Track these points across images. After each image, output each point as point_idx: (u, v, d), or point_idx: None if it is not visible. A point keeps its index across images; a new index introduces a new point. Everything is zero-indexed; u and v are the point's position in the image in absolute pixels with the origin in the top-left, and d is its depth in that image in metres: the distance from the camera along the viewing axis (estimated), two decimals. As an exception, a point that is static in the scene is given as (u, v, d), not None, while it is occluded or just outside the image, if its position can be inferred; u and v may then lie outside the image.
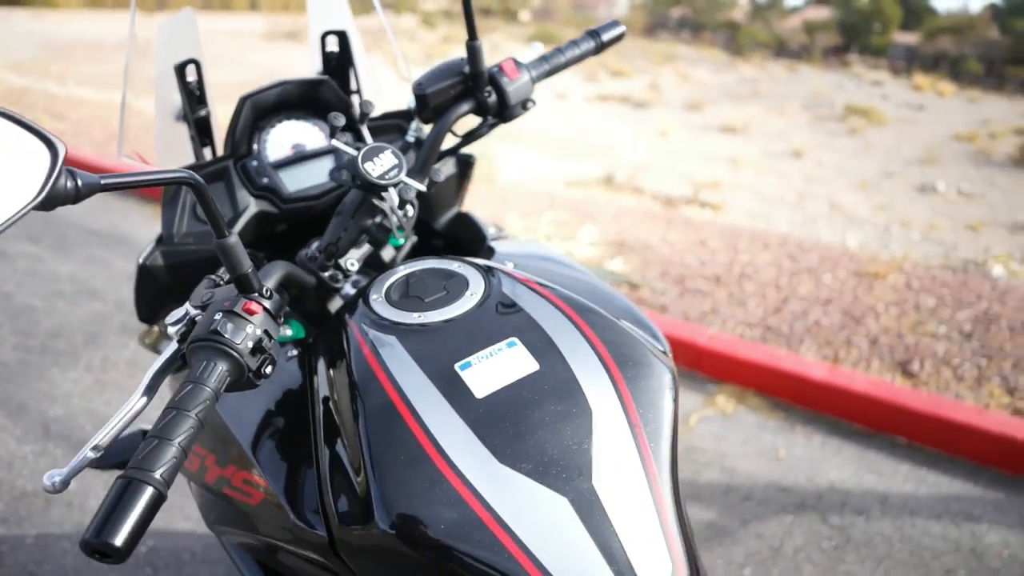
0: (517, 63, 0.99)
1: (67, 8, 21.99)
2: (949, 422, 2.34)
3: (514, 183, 6.54)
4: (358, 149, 0.82)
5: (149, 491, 0.50)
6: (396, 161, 0.83)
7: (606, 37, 1.06)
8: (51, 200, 0.48)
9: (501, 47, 34.30)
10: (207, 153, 1.03)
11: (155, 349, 1.00)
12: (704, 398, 2.60)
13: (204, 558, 1.69)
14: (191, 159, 1.01)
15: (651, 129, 15.24)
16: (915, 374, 2.71)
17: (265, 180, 0.97)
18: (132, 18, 0.98)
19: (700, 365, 2.74)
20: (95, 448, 0.58)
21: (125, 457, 0.95)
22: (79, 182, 0.49)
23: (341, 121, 0.83)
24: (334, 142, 0.84)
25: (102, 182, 0.51)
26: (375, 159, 0.83)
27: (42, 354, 2.55)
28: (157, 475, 0.51)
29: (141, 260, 0.90)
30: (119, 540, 0.47)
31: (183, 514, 1.83)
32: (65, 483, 0.57)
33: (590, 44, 1.05)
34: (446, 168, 1.09)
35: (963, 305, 3.34)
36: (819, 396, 2.53)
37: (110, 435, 0.58)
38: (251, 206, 0.95)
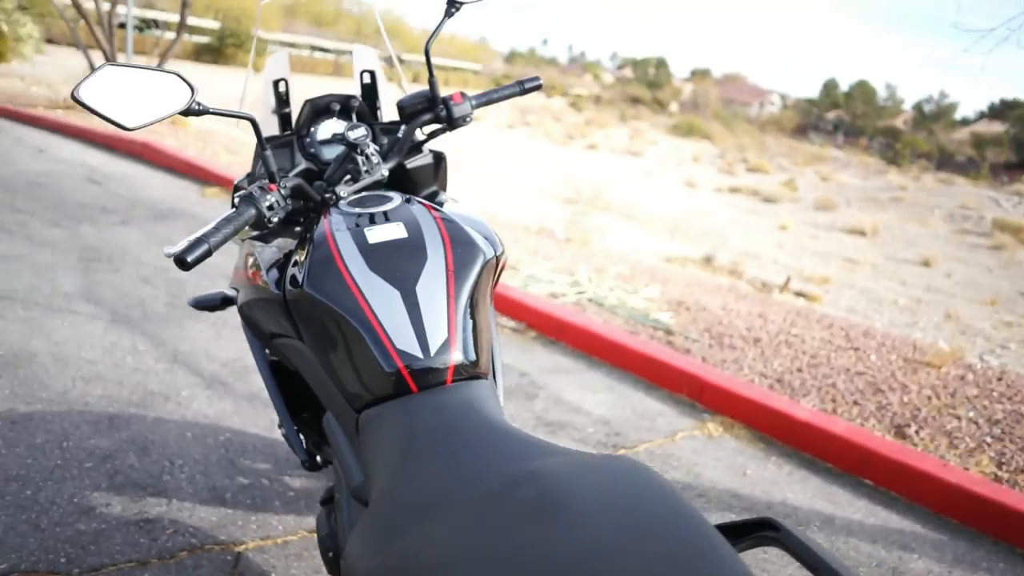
0: (463, 94, 1.56)
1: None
2: (912, 469, 2.56)
3: (609, 250, 7.04)
4: (350, 129, 1.42)
5: (205, 247, 1.09)
6: (366, 134, 1.42)
7: (528, 85, 1.62)
8: (186, 111, 1.10)
9: (644, 134, 34.88)
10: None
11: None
12: (695, 423, 2.96)
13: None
14: (276, 134, 1.66)
15: (772, 223, 15.23)
16: (907, 435, 2.91)
17: (312, 150, 1.59)
18: (252, 55, 1.68)
19: (701, 397, 3.10)
20: (203, 238, 1.14)
21: (211, 304, 1.59)
22: (199, 106, 1.12)
23: (361, 131, 1.42)
24: (344, 126, 1.45)
25: (210, 109, 1.13)
26: (357, 132, 1.42)
27: (182, 309, 3.35)
28: (205, 247, 1.10)
29: (236, 182, 1.53)
30: (189, 257, 1.07)
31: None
32: (174, 256, 1.14)
33: (515, 88, 1.62)
34: (423, 158, 1.67)
35: (1010, 400, 3.34)
36: (799, 434, 2.82)
37: (213, 237, 1.15)
38: (301, 163, 1.57)
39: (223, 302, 1.59)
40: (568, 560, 0.66)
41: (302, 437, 1.52)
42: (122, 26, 11.61)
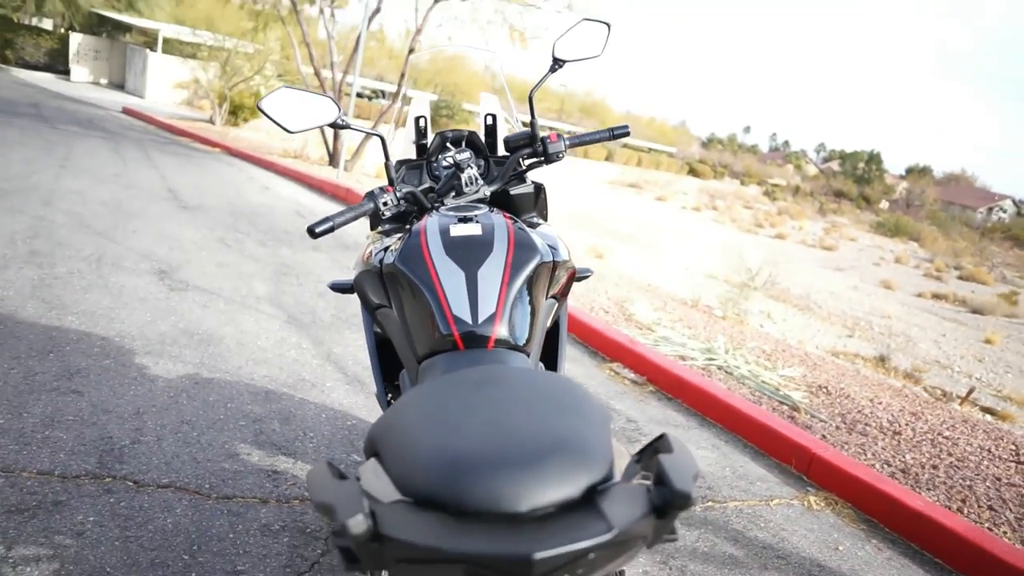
0: (559, 135, 1.84)
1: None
2: (1032, 580, 2.34)
3: (765, 334, 6.86)
4: (459, 153, 1.76)
5: (330, 224, 1.46)
6: (469, 156, 1.74)
7: (617, 132, 1.86)
8: (332, 124, 1.50)
9: (842, 229, 32.84)
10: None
11: None
12: (796, 493, 2.90)
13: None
14: (413, 158, 2.05)
15: (977, 335, 13.70)
16: (1045, 550, 2.64)
17: (436, 172, 1.95)
18: (397, 110, 2.11)
19: (809, 471, 3.03)
20: (330, 218, 1.53)
21: (344, 287, 1.99)
22: (342, 122, 1.51)
23: (465, 154, 1.76)
24: (459, 155, 1.80)
25: (351, 125, 1.52)
26: (462, 155, 1.75)
27: (344, 320, 3.88)
28: (330, 224, 1.47)
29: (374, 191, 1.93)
30: (317, 228, 1.45)
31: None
32: (308, 227, 1.53)
33: (606, 134, 1.87)
34: (525, 187, 1.95)
35: None
36: (909, 522, 2.67)
37: (339, 219, 1.54)
38: (427, 182, 1.93)
39: (352, 288, 1.98)
40: (487, 404, 0.89)
41: (389, 396, 1.83)
42: (359, 95, 13.46)
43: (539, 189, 1.96)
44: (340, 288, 1.98)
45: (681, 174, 48.07)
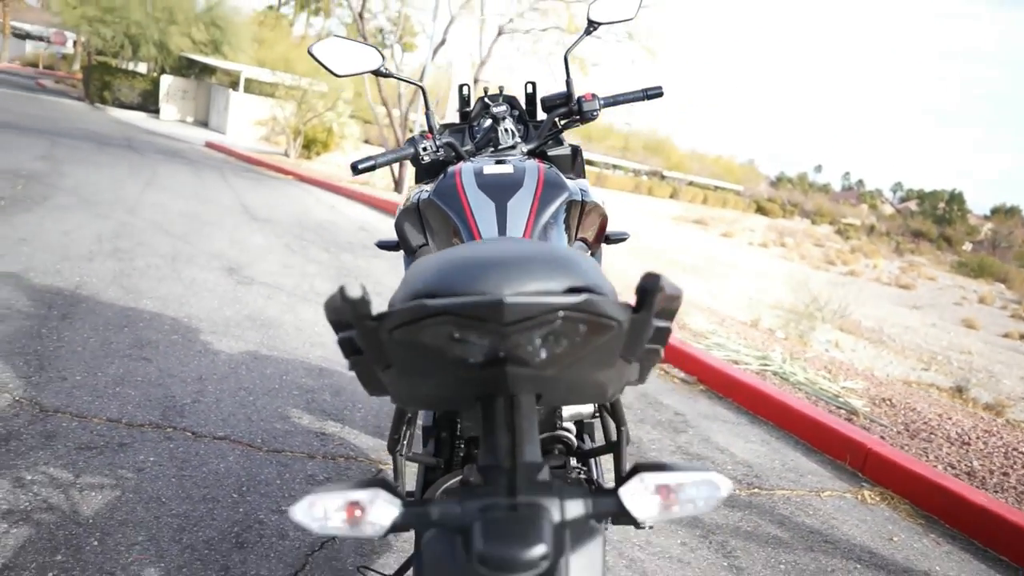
0: (593, 95, 1.90)
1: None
2: (1106, 576, 2.20)
3: (832, 358, 6.64)
4: (496, 107, 1.85)
5: (372, 163, 1.57)
6: (505, 109, 1.82)
7: (651, 92, 1.91)
8: (376, 72, 1.61)
9: (920, 268, 31.44)
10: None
11: None
12: (850, 487, 2.80)
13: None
14: (456, 122, 2.14)
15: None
16: (1124, 553, 2.47)
17: (477, 134, 2.04)
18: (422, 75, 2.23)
19: (864, 467, 2.92)
20: (372, 157, 1.64)
21: (389, 245, 2.09)
22: (385, 70, 1.62)
23: (502, 108, 1.85)
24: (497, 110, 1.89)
25: (393, 74, 1.63)
26: (499, 108, 1.83)
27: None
28: (372, 162, 1.57)
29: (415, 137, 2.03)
30: (360, 166, 1.55)
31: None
32: (351, 163, 1.63)
33: (640, 94, 1.92)
34: (562, 148, 2.02)
35: None
36: (971, 518, 2.54)
37: (381, 159, 1.64)
38: (468, 144, 2.02)
39: (396, 245, 2.07)
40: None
41: None
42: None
43: (576, 151, 2.03)
44: (386, 246, 2.08)
45: (748, 212, 47.22)
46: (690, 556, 2.12)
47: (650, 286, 0.68)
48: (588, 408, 1.40)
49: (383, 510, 0.63)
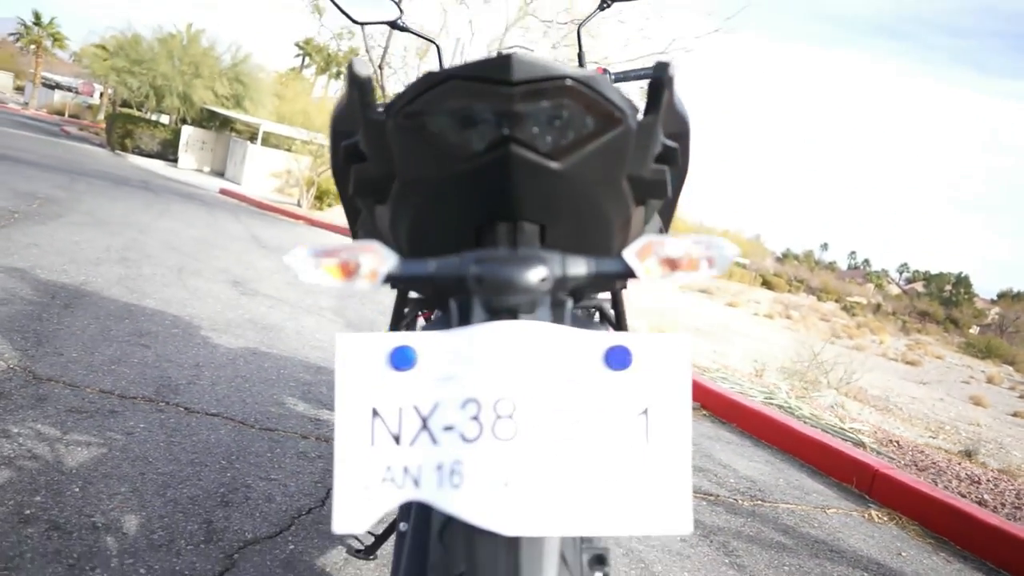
0: (605, 69, 1.94)
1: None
2: None
3: (842, 412, 6.54)
4: None
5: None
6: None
7: (656, 75, 1.95)
8: (391, 24, 1.66)
9: (927, 347, 31.25)
10: None
11: None
12: (856, 507, 2.71)
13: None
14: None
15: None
16: None
17: None
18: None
19: (871, 489, 2.83)
20: None
21: None
22: (402, 23, 1.66)
23: None
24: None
25: (409, 28, 1.68)
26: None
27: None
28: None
29: None
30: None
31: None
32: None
33: (649, 71, 1.96)
34: None
35: None
36: (984, 538, 2.45)
37: None
38: None
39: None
40: None
41: None
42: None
43: None
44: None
45: (754, 285, 47.25)
46: (690, 551, 2.04)
47: (660, 75, 0.67)
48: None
49: (378, 263, 0.62)
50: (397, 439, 0.54)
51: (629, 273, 0.61)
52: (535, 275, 0.56)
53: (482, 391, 0.53)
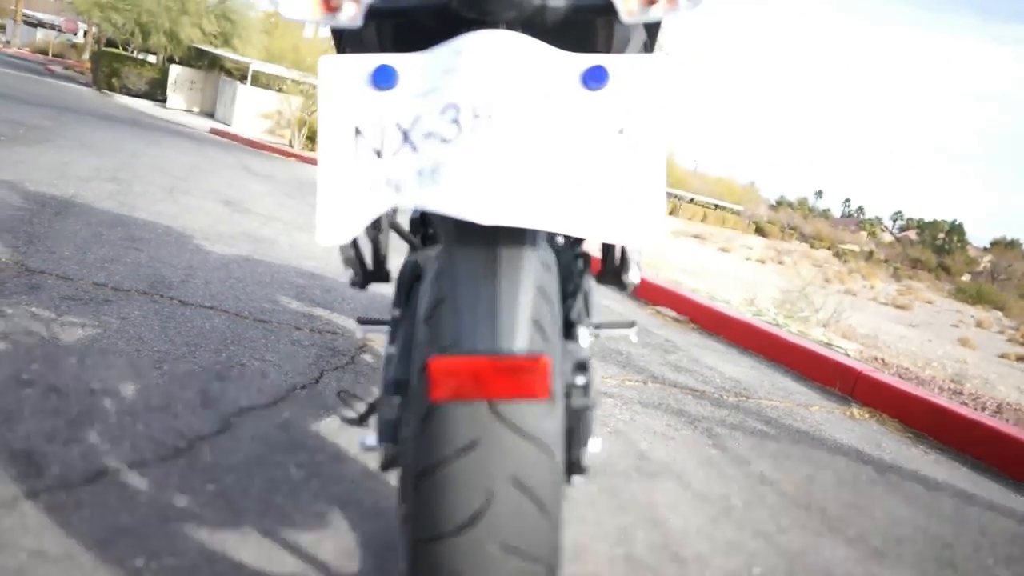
0: None
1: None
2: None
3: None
4: None
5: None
6: None
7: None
8: None
9: (917, 292, 31.39)
10: None
11: None
12: (838, 406, 2.78)
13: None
14: None
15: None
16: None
17: None
18: None
19: (854, 392, 2.90)
20: None
21: None
22: None
23: None
24: None
25: None
26: None
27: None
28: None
29: None
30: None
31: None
32: None
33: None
34: None
35: None
36: (964, 432, 2.52)
37: None
38: None
39: None
40: None
41: None
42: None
43: None
44: None
45: (747, 232, 47.16)
46: (674, 434, 2.10)
47: None
48: None
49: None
50: (379, 153, 0.56)
51: (609, 6, 0.62)
52: None
53: (462, 96, 0.54)
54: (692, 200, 48.42)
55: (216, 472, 1.35)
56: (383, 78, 0.56)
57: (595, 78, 0.57)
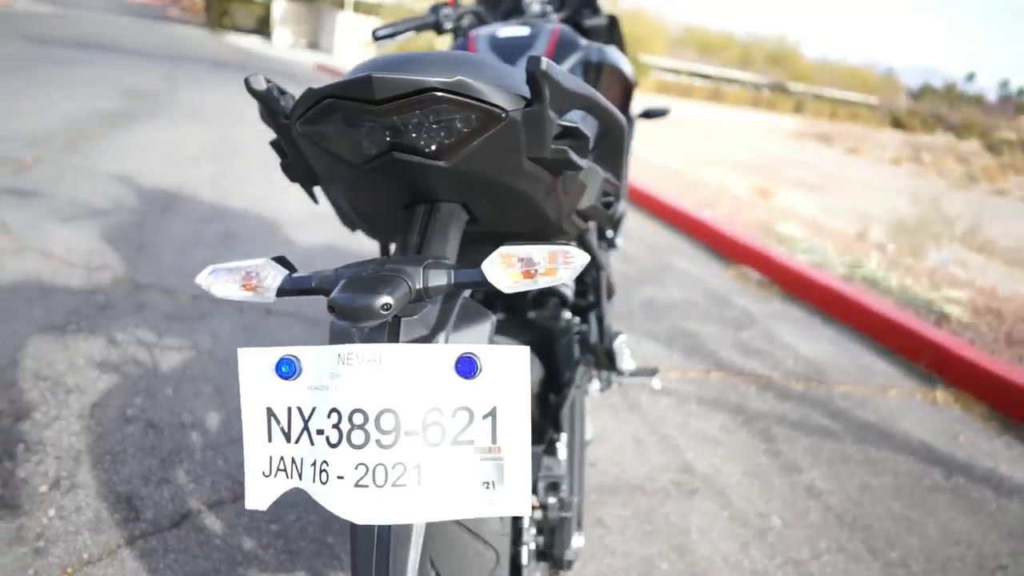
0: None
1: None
2: None
3: (951, 274, 6.18)
4: None
5: (391, 30, 1.60)
6: None
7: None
8: None
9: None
10: None
11: None
12: (921, 387, 2.67)
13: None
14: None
15: None
16: None
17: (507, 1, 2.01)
18: None
19: (941, 369, 2.77)
20: (394, 25, 1.67)
21: None
22: None
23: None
24: None
25: None
26: None
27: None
28: (391, 30, 1.60)
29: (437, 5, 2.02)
30: (379, 33, 1.58)
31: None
32: (374, 33, 1.67)
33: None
34: (599, 19, 1.94)
35: None
36: (1052, 421, 2.38)
37: (402, 26, 1.67)
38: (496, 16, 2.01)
39: None
40: None
41: None
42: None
43: (613, 21, 1.96)
44: None
45: (882, 127, 43.30)
46: (726, 438, 2.13)
47: (533, 70, 0.67)
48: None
49: (271, 279, 0.70)
50: (287, 436, 0.65)
51: (486, 283, 0.66)
52: (378, 301, 0.62)
53: (342, 403, 0.62)
54: (819, 96, 44.82)
55: (279, 511, 1.55)
56: (286, 369, 0.64)
57: (468, 369, 0.63)
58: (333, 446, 0.62)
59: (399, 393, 0.62)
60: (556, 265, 0.65)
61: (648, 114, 2.01)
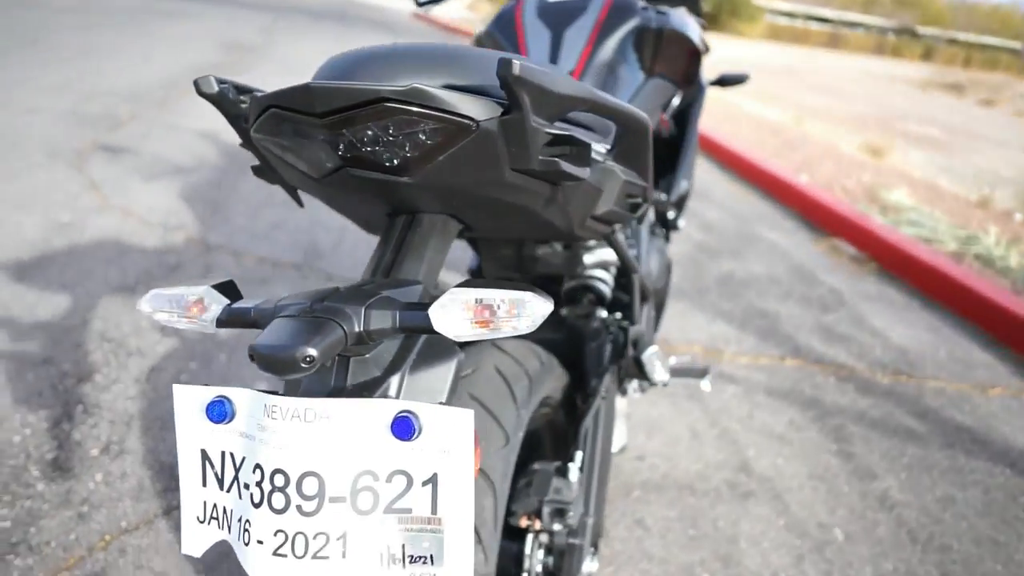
0: None
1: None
2: None
3: None
4: None
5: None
6: None
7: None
8: None
9: None
10: None
11: None
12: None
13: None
14: None
15: None
16: None
17: None
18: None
19: (1058, 366, 2.47)
20: None
21: None
22: None
23: None
24: None
25: None
26: None
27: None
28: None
29: None
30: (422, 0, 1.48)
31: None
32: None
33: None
34: None
35: None
36: None
37: None
38: None
39: None
40: None
41: None
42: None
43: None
44: None
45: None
46: (794, 435, 1.97)
47: (504, 74, 0.56)
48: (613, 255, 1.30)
49: (212, 309, 0.64)
50: (220, 483, 0.60)
51: (432, 329, 0.58)
52: (300, 353, 0.54)
53: (264, 460, 0.56)
54: (952, 40, 40.87)
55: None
56: (217, 412, 0.58)
57: (405, 430, 0.54)
58: (256, 506, 0.56)
59: (326, 454, 0.55)
60: (516, 314, 0.56)
61: (723, 81, 1.83)
